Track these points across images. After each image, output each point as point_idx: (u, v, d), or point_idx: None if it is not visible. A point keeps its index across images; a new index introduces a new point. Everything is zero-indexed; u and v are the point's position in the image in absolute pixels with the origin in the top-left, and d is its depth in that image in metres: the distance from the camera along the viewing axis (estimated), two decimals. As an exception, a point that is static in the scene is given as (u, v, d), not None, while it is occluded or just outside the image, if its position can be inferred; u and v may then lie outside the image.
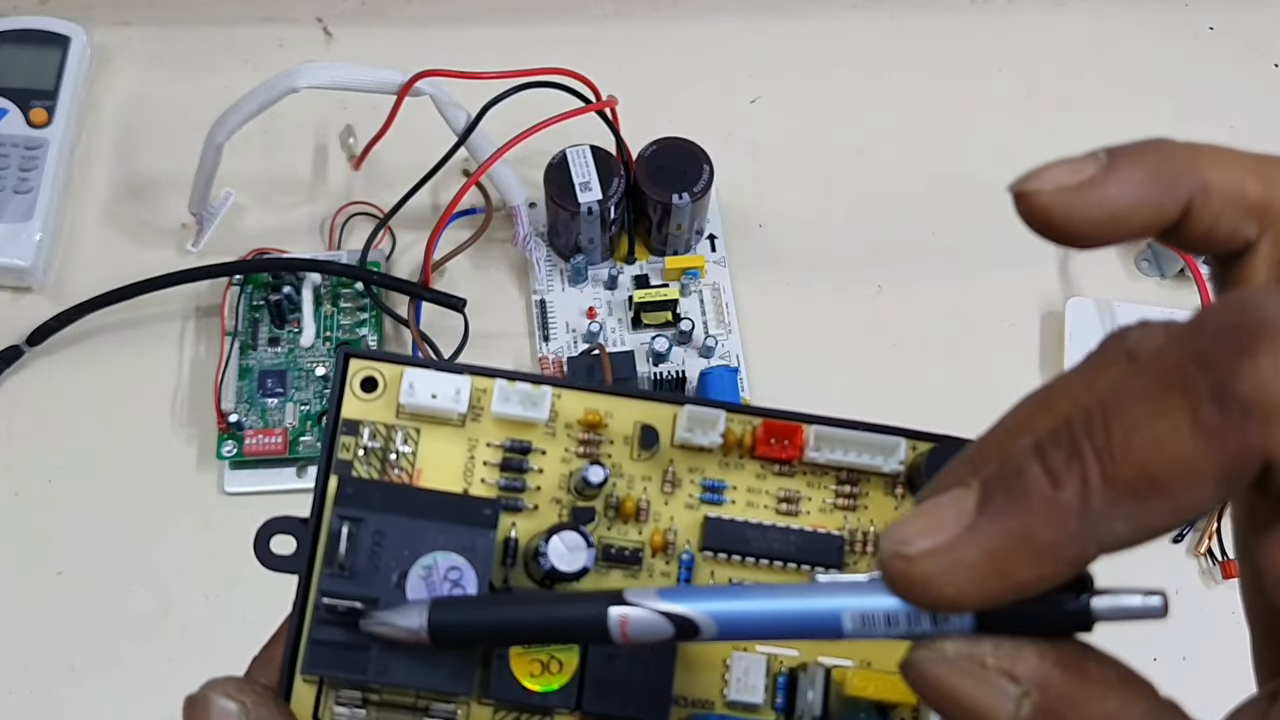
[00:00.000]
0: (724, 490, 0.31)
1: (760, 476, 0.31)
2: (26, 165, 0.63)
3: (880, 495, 0.31)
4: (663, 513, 0.31)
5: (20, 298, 0.63)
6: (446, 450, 0.30)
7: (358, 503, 0.28)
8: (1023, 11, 0.72)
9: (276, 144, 0.66)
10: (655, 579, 0.30)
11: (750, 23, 0.71)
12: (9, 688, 0.55)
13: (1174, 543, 0.59)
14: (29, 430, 0.60)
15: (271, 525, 0.29)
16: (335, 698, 0.29)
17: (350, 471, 0.30)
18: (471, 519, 0.28)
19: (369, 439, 0.30)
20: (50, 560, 0.57)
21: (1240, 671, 0.63)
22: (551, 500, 0.30)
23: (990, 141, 0.68)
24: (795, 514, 0.31)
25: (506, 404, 0.30)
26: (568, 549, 0.29)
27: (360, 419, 0.30)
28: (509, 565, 0.30)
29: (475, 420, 0.30)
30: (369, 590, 0.28)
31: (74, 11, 0.68)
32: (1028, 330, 0.64)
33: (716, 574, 0.30)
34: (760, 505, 0.31)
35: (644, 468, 0.31)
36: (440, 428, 0.30)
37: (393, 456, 0.30)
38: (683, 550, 0.30)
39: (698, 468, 0.31)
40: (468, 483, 0.30)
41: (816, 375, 0.62)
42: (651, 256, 0.63)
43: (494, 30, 0.70)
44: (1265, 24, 0.72)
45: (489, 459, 0.30)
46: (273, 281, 0.61)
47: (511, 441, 0.30)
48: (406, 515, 0.28)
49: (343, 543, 0.28)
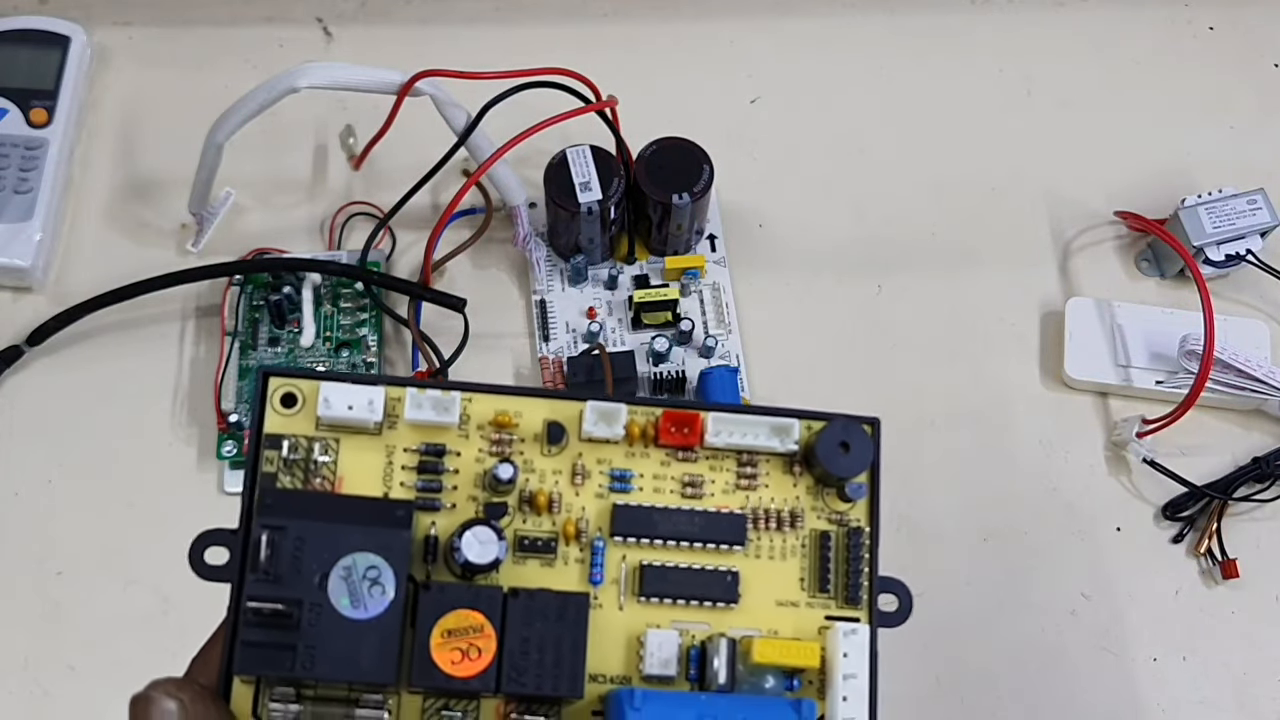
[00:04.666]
0: (631, 479, 0.33)
1: (665, 464, 0.33)
2: (26, 165, 0.63)
3: (779, 474, 0.33)
4: (574, 503, 0.33)
5: (20, 297, 0.63)
6: (366, 458, 0.32)
7: (278, 511, 0.30)
8: (1023, 11, 0.72)
9: (277, 144, 0.66)
10: (570, 565, 0.32)
11: (750, 23, 0.71)
12: (9, 687, 0.55)
13: (1174, 543, 0.59)
14: (29, 430, 0.60)
15: (205, 538, 0.32)
16: (270, 695, 0.30)
17: (274, 482, 0.32)
18: (386, 520, 0.30)
19: (289, 451, 0.32)
20: (50, 560, 0.57)
21: (1238, 670, 0.63)
22: (468, 498, 0.32)
23: (990, 141, 0.68)
24: (700, 496, 0.33)
25: (419, 410, 0.32)
26: (480, 542, 0.31)
27: (281, 433, 0.32)
28: (430, 561, 0.32)
29: (391, 428, 0.33)
30: (292, 593, 0.29)
31: (74, 11, 0.68)
32: (1028, 330, 0.64)
33: (628, 557, 0.33)
34: (666, 490, 0.33)
35: (554, 462, 0.33)
36: (359, 437, 0.32)
37: (314, 466, 0.32)
38: (594, 537, 0.33)
39: (605, 459, 0.33)
40: (388, 486, 0.32)
41: (816, 375, 0.62)
42: (651, 256, 0.63)
43: (494, 30, 0.70)
44: (1265, 24, 0.72)
45: (406, 463, 0.32)
46: (273, 281, 0.61)
47: (426, 445, 0.33)
48: (325, 520, 0.30)
49: (263, 550, 0.30)
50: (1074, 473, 0.61)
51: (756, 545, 0.33)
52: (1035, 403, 0.62)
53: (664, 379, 0.59)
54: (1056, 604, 0.58)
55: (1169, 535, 0.59)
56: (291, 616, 0.29)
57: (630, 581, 0.32)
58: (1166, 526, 0.60)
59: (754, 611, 0.32)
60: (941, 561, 0.58)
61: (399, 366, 0.62)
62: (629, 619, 0.32)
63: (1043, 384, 0.62)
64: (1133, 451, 0.59)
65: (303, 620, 0.29)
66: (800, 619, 0.32)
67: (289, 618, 0.29)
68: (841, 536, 0.33)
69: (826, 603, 0.33)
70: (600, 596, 0.32)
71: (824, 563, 0.33)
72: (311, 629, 0.29)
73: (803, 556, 0.33)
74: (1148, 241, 0.66)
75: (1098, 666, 0.57)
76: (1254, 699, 0.57)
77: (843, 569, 0.33)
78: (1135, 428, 0.59)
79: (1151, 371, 0.61)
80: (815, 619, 0.33)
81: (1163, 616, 0.58)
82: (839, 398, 0.61)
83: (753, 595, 0.32)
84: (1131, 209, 0.65)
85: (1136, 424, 0.59)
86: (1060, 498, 0.60)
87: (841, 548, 0.33)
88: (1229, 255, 0.62)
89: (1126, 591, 0.58)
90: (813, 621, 0.32)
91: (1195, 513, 0.59)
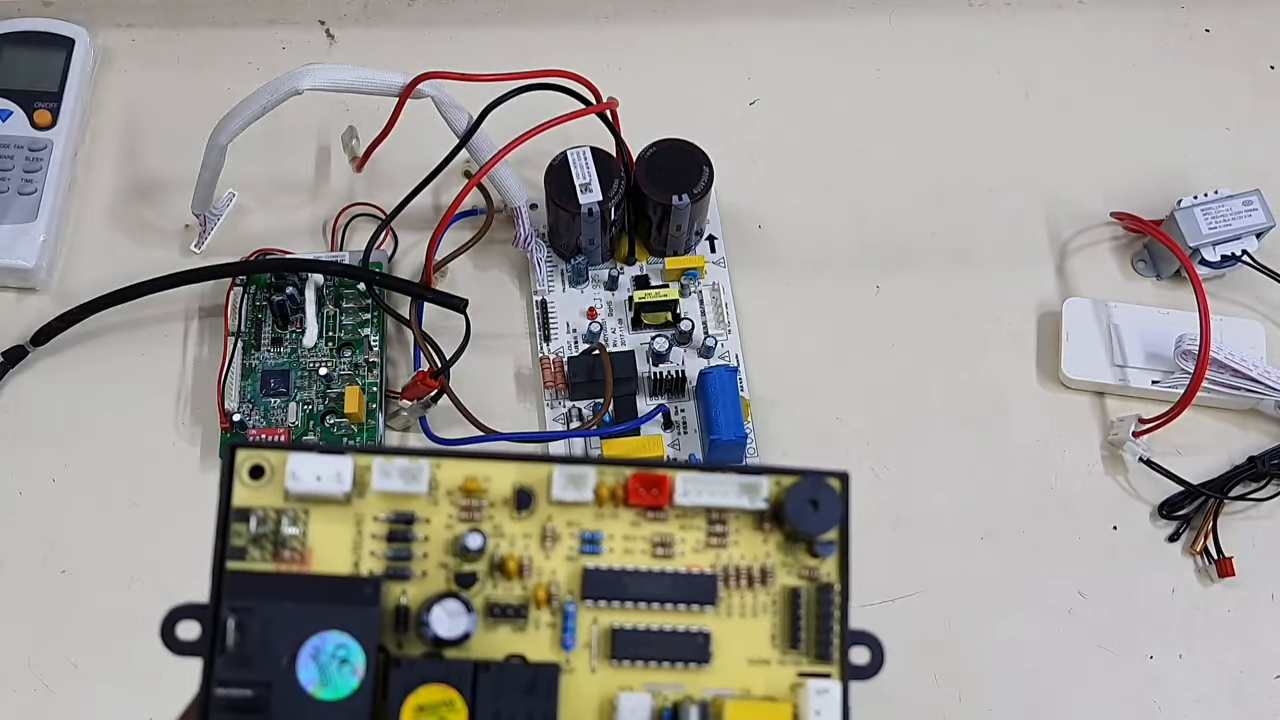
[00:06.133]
0: (601, 541, 0.33)
1: (635, 524, 0.33)
2: (30, 167, 0.63)
3: (749, 531, 0.33)
4: (544, 567, 0.32)
5: (24, 298, 0.63)
6: (334, 529, 0.32)
7: (244, 593, 0.30)
8: (1021, 13, 0.72)
9: (279, 145, 0.66)
10: (541, 630, 0.32)
11: (750, 24, 0.72)
12: (12, 686, 0.55)
13: (1170, 541, 0.60)
14: (33, 430, 0.60)
15: (177, 612, 0.31)
16: None
17: (244, 556, 0.31)
18: (354, 598, 0.30)
19: (257, 525, 0.32)
20: (54, 559, 0.58)
21: (1234, 668, 0.63)
22: (439, 565, 0.32)
23: (988, 143, 0.69)
24: (670, 556, 0.33)
25: (387, 480, 0.32)
26: (449, 616, 0.31)
27: (250, 506, 0.32)
28: (401, 631, 0.31)
29: (360, 497, 0.32)
30: (262, 675, 0.29)
31: (78, 13, 0.69)
32: (1025, 330, 0.64)
33: (599, 620, 0.32)
34: (636, 551, 0.33)
35: (524, 526, 0.33)
36: (328, 507, 0.32)
37: (283, 539, 0.32)
38: (565, 601, 0.32)
39: (575, 521, 0.33)
40: (357, 556, 0.32)
41: (816, 375, 0.62)
42: (651, 257, 0.63)
43: (495, 32, 0.71)
44: (1262, 26, 0.72)
45: (376, 532, 0.32)
46: (275, 282, 0.61)
47: (395, 514, 0.32)
48: (292, 600, 0.30)
49: (230, 634, 0.30)
50: (1071, 472, 0.61)
51: (728, 604, 0.33)
52: (1032, 402, 0.62)
53: (664, 379, 0.60)
54: (1053, 602, 0.58)
55: (1165, 534, 0.60)
56: (261, 699, 0.29)
57: (602, 644, 0.32)
58: (1163, 525, 0.60)
59: (726, 671, 0.32)
60: (939, 560, 0.59)
61: (401, 366, 0.62)
62: (601, 682, 0.32)
63: (1040, 384, 0.63)
64: (1129, 451, 0.60)
65: (272, 702, 0.29)
66: (772, 677, 0.32)
67: (259, 700, 0.29)
68: (812, 592, 0.33)
69: (798, 659, 0.32)
70: (572, 660, 0.32)
71: (794, 619, 0.32)
72: (281, 712, 0.29)
73: (774, 614, 0.33)
74: (1144, 242, 0.66)
75: (1094, 665, 0.57)
76: (1250, 696, 0.57)
77: (814, 625, 0.32)
78: (1132, 427, 0.59)
79: (1148, 371, 0.62)
80: (787, 676, 0.32)
81: (1159, 615, 0.58)
82: (839, 397, 0.62)
83: (724, 654, 0.32)
84: (1128, 210, 0.66)
85: (1133, 423, 0.60)
86: (1057, 497, 0.60)
87: (812, 604, 0.32)
88: (1225, 256, 0.63)
89: (1123, 590, 0.59)
90: (784, 679, 0.32)
91: (1191, 511, 0.60)
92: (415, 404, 0.59)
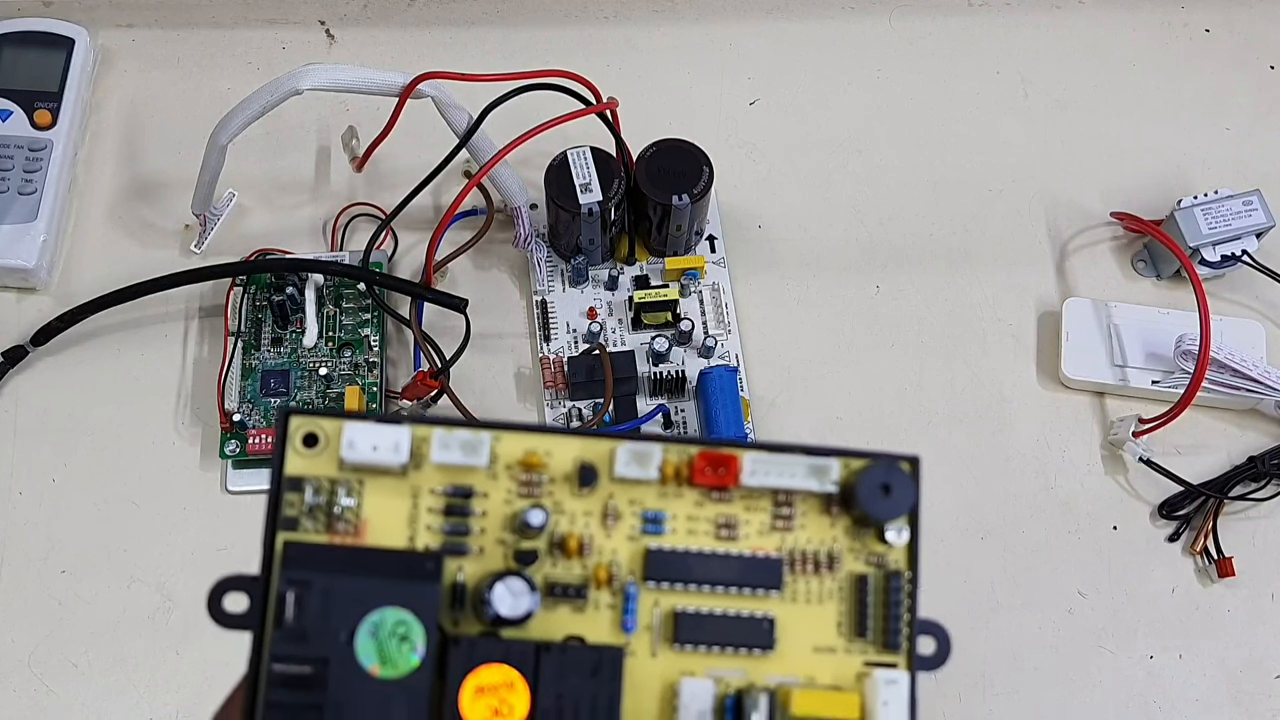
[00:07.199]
0: (664, 520, 0.31)
1: (699, 504, 0.32)
2: (31, 167, 0.63)
3: (816, 515, 0.32)
4: (605, 546, 0.31)
5: (24, 298, 0.63)
6: (391, 501, 0.31)
7: (303, 566, 0.29)
8: (1020, 13, 0.73)
9: (279, 145, 0.66)
10: (601, 611, 0.31)
11: (750, 24, 0.72)
12: (13, 685, 0.55)
13: (1170, 541, 0.60)
14: (33, 429, 0.60)
15: (225, 583, 0.30)
16: None
17: (296, 527, 0.30)
18: (414, 573, 0.29)
19: (312, 495, 0.31)
20: (54, 559, 0.58)
21: (1234, 667, 0.63)
22: (496, 541, 0.31)
23: (988, 143, 0.69)
24: (734, 538, 0.32)
25: (446, 451, 0.31)
26: (512, 595, 0.30)
27: (304, 475, 0.31)
28: (458, 609, 0.30)
29: (417, 469, 0.31)
30: (319, 651, 0.28)
31: (78, 14, 0.69)
32: (1025, 330, 0.64)
33: (661, 602, 0.31)
34: (700, 532, 0.32)
35: (585, 503, 0.31)
36: (383, 479, 0.31)
37: (337, 510, 0.31)
38: (626, 582, 0.31)
39: (638, 500, 0.32)
40: (413, 530, 0.31)
41: (816, 375, 0.62)
42: (651, 257, 0.63)
43: (495, 33, 0.71)
44: (1261, 26, 0.72)
45: (433, 505, 0.31)
46: (276, 282, 0.61)
47: (453, 487, 0.31)
48: (351, 575, 0.29)
49: (289, 609, 0.29)
50: (1071, 472, 0.61)
51: (793, 589, 0.31)
52: (1032, 402, 0.62)
53: (664, 379, 0.60)
54: (1053, 602, 0.58)
55: (1165, 534, 0.60)
56: (319, 676, 0.28)
57: (664, 628, 0.31)
58: (1163, 525, 0.60)
59: (790, 658, 0.31)
60: (939, 560, 0.59)
61: (401, 366, 0.62)
62: (663, 667, 0.31)
63: (1040, 384, 0.63)
64: (1129, 451, 0.60)
65: (330, 680, 0.28)
66: (838, 665, 0.31)
67: (315, 678, 0.28)
68: (880, 579, 0.32)
69: (865, 648, 0.31)
70: (633, 643, 0.31)
71: (861, 607, 0.31)
72: (338, 690, 0.28)
73: (840, 600, 0.32)
74: (1144, 242, 0.66)
75: (1094, 664, 0.57)
76: (1249, 696, 0.57)
77: (880, 613, 0.31)
78: (1132, 427, 0.59)
79: (1148, 371, 0.62)
80: (853, 665, 0.31)
81: (1159, 615, 0.58)
82: (838, 397, 0.62)
83: (789, 641, 0.31)
84: (1128, 210, 0.66)
85: (1133, 423, 0.60)
86: (1057, 496, 0.60)
87: (880, 591, 0.31)
88: (1225, 256, 0.63)
89: (1123, 590, 0.59)
90: (850, 668, 0.31)
91: (1191, 511, 0.60)
92: (415, 404, 0.59)
